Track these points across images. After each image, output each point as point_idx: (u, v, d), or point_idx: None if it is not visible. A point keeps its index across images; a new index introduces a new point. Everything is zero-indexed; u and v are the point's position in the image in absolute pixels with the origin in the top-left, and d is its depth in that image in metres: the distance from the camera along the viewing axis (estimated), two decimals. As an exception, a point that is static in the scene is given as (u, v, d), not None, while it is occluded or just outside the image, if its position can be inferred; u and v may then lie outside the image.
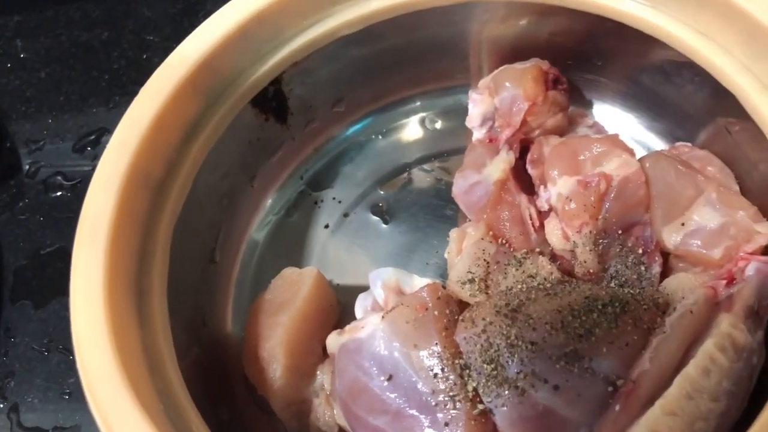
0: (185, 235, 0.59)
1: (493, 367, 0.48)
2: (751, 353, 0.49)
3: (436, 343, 0.51)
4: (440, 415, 0.49)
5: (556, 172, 0.61)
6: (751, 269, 0.52)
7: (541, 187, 0.63)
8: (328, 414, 0.57)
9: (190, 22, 0.59)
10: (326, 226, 0.72)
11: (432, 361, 0.51)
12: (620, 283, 0.57)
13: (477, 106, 0.68)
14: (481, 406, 0.48)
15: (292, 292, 0.61)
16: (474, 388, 0.49)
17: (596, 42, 0.67)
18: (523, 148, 0.67)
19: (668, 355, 0.48)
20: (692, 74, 0.61)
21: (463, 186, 0.66)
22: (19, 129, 0.86)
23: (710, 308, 0.51)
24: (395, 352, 0.52)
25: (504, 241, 0.61)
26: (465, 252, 0.60)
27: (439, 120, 0.77)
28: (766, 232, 0.55)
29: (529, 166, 0.65)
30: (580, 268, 0.59)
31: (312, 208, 0.73)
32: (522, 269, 0.58)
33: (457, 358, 0.50)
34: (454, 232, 0.63)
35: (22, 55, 0.92)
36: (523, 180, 0.65)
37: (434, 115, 0.78)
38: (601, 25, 0.63)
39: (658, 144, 0.71)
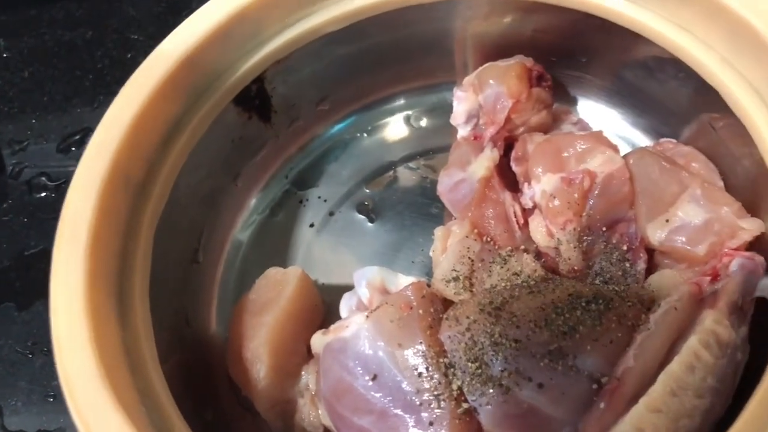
0: (167, 236, 0.58)
1: (478, 365, 0.48)
2: (735, 349, 0.49)
3: (421, 342, 0.51)
4: (425, 415, 0.49)
5: (540, 169, 0.61)
6: (735, 265, 0.53)
7: (526, 185, 0.63)
8: (312, 414, 0.57)
9: (175, 20, 0.58)
10: (311, 225, 0.72)
11: (416, 360, 0.50)
12: (605, 280, 0.57)
13: (461, 103, 0.68)
14: (465, 405, 0.48)
15: (277, 292, 0.61)
16: (458, 386, 0.48)
17: (580, 39, 0.67)
18: (508, 145, 0.67)
19: (653, 352, 0.48)
20: (676, 70, 0.61)
21: (448, 184, 0.66)
22: (2, 129, 0.86)
23: (694, 305, 0.51)
24: (380, 352, 0.51)
25: (489, 239, 0.61)
26: (450, 250, 0.60)
27: (424, 118, 0.77)
28: (750, 228, 0.55)
29: (513, 164, 0.65)
30: (564, 266, 0.59)
31: (297, 207, 0.73)
32: (506, 267, 0.58)
33: (441, 356, 0.50)
34: (439, 230, 0.63)
35: (5, 55, 0.91)
36: (508, 177, 0.65)
37: (419, 113, 0.77)
38: (585, 22, 0.63)
39: (643, 140, 0.71)
